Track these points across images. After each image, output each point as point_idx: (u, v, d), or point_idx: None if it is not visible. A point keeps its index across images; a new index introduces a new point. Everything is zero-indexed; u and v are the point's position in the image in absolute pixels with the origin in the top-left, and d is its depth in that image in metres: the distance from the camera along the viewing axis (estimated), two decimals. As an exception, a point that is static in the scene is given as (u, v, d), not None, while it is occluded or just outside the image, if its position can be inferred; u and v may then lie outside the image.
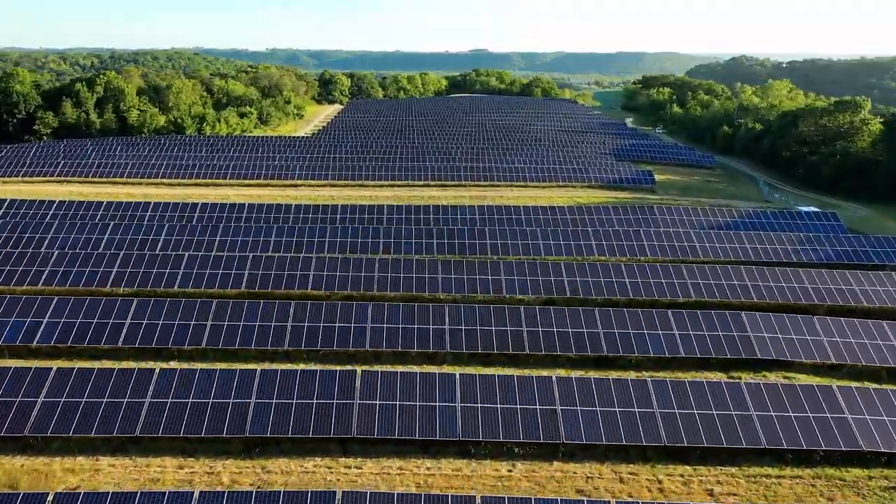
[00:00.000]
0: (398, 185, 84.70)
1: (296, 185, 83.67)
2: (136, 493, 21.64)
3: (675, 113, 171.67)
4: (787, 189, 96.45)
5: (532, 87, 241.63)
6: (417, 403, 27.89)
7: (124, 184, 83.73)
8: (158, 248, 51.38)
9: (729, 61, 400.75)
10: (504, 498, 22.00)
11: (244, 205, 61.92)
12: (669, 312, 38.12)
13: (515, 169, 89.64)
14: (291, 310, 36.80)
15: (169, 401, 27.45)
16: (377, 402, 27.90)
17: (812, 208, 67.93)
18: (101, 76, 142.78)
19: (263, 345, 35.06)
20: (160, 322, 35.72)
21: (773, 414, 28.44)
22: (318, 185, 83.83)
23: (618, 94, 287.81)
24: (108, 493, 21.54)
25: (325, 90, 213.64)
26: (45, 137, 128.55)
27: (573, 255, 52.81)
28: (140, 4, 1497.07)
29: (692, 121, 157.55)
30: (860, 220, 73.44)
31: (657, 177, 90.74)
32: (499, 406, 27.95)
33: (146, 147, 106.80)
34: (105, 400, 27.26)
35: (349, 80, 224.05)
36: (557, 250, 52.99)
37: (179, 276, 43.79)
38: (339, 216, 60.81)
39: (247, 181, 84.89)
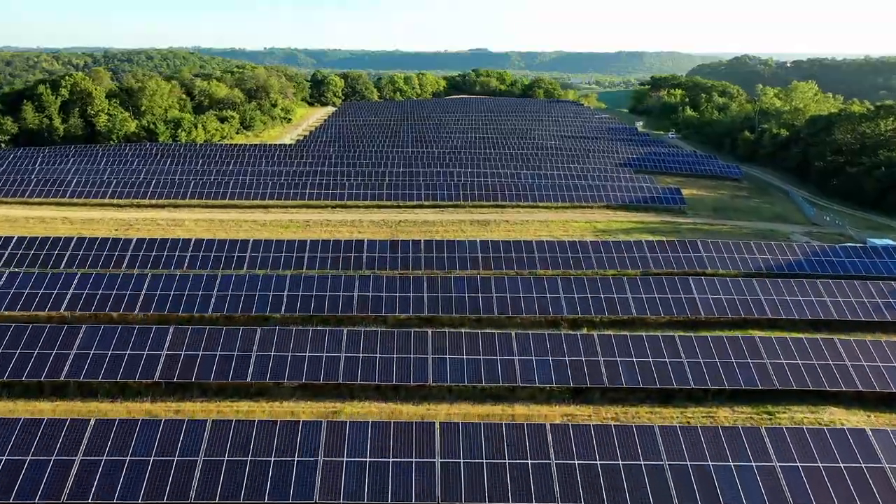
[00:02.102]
0: (386, 207, 72.53)
1: (266, 207, 71.48)
2: None
3: (689, 116, 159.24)
4: (822, 204, 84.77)
5: (534, 88, 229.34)
6: None
7: (66, 205, 71.53)
8: (63, 306, 39.22)
9: (731, 61, 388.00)
10: None
11: (190, 241, 49.69)
12: (763, 430, 26.04)
13: (522, 185, 77.47)
14: (206, 436, 24.65)
15: None
16: None
17: (888, 241, 55.76)
18: (68, 77, 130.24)
19: (157, 497, 22.99)
20: (4, 458, 23.68)
21: None
22: (293, 207, 71.62)
23: (622, 94, 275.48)
24: None
25: (317, 91, 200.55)
26: (3, 146, 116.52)
27: (605, 313, 40.64)
28: (140, 4, 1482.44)
29: (708, 125, 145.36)
30: (932, 250, 61.44)
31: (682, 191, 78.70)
32: None
33: (104, 158, 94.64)
34: None
35: (343, 80, 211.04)
36: (584, 307, 40.80)
37: (69, 361, 31.62)
38: (307, 255, 48.74)
39: (209, 201, 72.65)
